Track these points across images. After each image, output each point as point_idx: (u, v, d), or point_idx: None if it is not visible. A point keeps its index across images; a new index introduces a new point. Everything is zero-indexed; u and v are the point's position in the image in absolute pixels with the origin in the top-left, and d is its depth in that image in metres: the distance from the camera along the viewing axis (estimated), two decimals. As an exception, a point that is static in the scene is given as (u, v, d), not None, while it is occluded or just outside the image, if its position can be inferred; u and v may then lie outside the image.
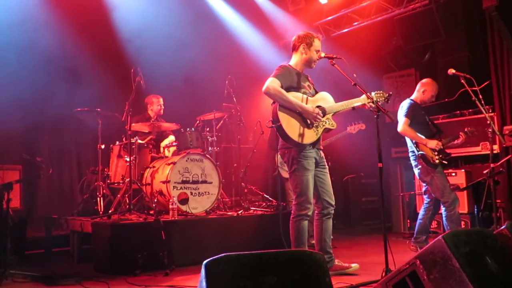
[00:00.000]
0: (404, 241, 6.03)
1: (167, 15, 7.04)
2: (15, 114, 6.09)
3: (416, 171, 5.04)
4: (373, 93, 3.94)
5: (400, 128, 4.97)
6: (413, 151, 5.02)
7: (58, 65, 6.43)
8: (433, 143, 4.90)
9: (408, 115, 4.95)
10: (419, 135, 4.94)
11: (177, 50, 7.12)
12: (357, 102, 3.95)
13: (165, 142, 6.28)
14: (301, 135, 3.75)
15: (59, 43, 6.41)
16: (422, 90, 5.12)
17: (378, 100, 3.90)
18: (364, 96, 3.80)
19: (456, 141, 5.15)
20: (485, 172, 4.77)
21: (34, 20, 6.10)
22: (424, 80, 5.23)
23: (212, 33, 7.83)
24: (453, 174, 6.15)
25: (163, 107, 6.35)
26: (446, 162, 4.97)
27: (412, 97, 5.19)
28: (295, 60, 4.03)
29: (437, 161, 4.88)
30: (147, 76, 5.45)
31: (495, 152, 5.79)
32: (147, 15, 7.01)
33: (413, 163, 5.06)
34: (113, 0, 6.90)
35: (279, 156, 4.12)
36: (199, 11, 7.66)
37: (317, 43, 3.96)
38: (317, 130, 3.85)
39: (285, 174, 5.23)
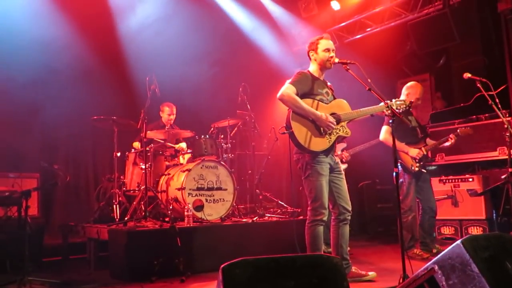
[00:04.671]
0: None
1: (181, 24, 7.12)
2: (32, 123, 6.19)
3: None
4: (393, 100, 3.90)
5: (381, 136, 4.97)
6: None
7: (74, 73, 6.53)
8: (415, 152, 4.93)
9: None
10: (401, 143, 4.92)
11: (191, 57, 7.18)
12: (373, 110, 3.92)
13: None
14: (313, 143, 3.75)
15: (75, 52, 6.51)
16: (405, 94, 5.12)
17: (399, 108, 3.85)
18: (382, 104, 3.74)
19: (445, 144, 5.10)
20: (503, 177, 4.69)
21: (50, 32, 6.21)
22: (408, 84, 5.22)
23: (226, 40, 7.88)
24: (470, 179, 6.06)
25: (174, 115, 6.36)
26: (425, 171, 5.00)
27: None
28: (312, 67, 4.06)
29: (416, 169, 4.92)
30: (162, 83, 5.50)
31: (513, 157, 5.70)
32: (161, 23, 7.10)
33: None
34: (128, 8, 7.00)
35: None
36: (214, 18, 7.72)
37: (323, 43, 3.95)
38: (330, 138, 3.83)
39: None
